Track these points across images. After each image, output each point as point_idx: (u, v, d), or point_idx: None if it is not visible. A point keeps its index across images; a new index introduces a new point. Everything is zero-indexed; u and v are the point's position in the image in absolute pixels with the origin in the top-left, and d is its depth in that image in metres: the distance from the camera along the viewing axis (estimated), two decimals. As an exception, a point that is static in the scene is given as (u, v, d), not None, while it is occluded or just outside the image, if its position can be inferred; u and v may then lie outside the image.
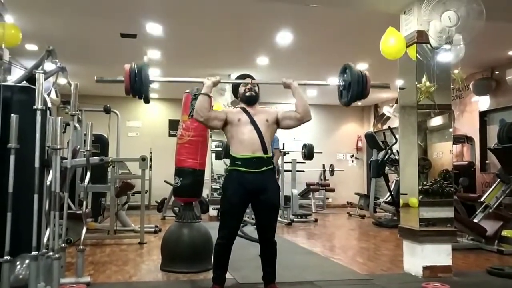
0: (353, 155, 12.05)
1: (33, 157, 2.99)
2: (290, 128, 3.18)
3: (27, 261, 3.02)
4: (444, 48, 3.98)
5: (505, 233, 5.24)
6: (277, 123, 3.14)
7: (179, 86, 4.94)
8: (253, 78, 3.23)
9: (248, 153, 2.96)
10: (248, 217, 7.36)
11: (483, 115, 8.01)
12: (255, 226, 3.24)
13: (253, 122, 3.03)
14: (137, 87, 2.94)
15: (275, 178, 3.30)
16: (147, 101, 3.05)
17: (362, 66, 7.46)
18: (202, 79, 3.08)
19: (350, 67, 3.17)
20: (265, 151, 3.00)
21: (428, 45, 3.97)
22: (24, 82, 3.77)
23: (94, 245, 5.32)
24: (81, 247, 3.41)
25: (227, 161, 4.11)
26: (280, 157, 8.32)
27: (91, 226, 5.91)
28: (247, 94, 3.14)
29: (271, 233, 3.08)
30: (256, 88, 3.18)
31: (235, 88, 3.31)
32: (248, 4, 5.13)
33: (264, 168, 3.00)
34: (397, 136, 5.39)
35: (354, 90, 3.11)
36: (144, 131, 10.81)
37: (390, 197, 7.99)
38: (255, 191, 2.97)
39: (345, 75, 3.21)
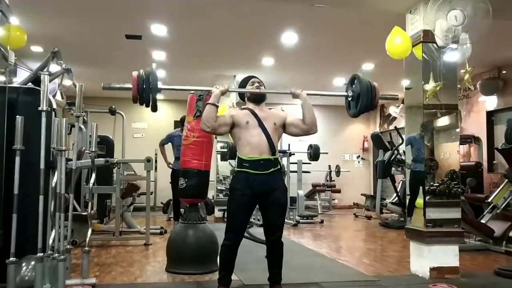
0: (359, 156, 11.99)
1: (38, 159, 3.00)
2: (294, 135, 3.21)
3: (32, 263, 3.02)
4: (451, 47, 3.94)
5: (513, 233, 5.20)
6: (283, 127, 3.13)
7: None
8: (259, 80, 3.21)
9: (255, 155, 2.95)
10: (254, 218, 7.34)
11: (490, 115, 7.95)
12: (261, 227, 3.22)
13: (261, 125, 3.01)
14: (145, 95, 2.89)
15: (283, 178, 3.28)
16: (154, 109, 2.98)
17: (368, 66, 7.44)
18: (210, 87, 3.06)
19: (359, 77, 3.13)
20: (273, 153, 2.99)
21: (434, 45, 3.94)
22: (30, 83, 3.78)
23: (100, 246, 5.32)
24: (87, 248, 3.41)
25: (233, 162, 4.10)
26: (286, 158, 8.32)
27: (97, 227, 5.92)
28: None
29: (279, 233, 3.06)
30: (263, 87, 3.16)
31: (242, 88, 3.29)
32: (253, 4, 5.12)
33: (272, 170, 2.98)
34: (404, 136, 5.35)
35: (363, 101, 3.07)
36: (149, 132, 10.82)
37: (396, 198, 7.95)
38: (263, 192, 2.95)
39: (354, 86, 3.16)
